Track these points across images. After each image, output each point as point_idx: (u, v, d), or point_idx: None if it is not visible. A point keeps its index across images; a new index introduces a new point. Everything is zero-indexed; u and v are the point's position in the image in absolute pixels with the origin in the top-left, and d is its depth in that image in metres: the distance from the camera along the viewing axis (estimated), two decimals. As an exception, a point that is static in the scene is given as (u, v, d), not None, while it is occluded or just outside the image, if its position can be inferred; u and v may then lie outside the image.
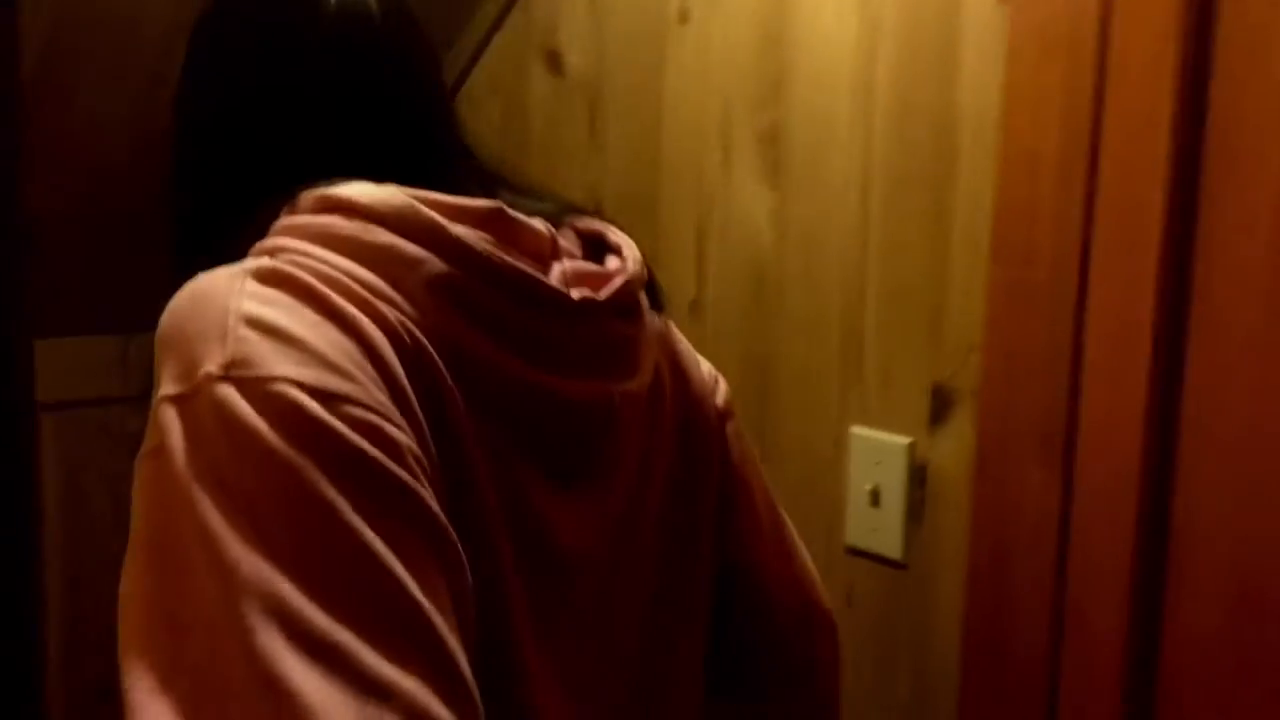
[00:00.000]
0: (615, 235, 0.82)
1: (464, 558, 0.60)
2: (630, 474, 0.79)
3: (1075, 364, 1.05)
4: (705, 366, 0.92)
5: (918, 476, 1.23)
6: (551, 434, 0.73)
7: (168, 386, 0.59)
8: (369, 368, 0.61)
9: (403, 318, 0.64)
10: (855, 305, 1.27)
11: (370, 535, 0.55)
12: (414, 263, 0.66)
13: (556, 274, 0.73)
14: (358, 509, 0.55)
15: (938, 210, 1.19)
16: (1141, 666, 1.04)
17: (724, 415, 0.90)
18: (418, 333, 0.64)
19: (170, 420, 0.57)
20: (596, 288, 0.74)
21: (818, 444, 1.32)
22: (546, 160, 1.63)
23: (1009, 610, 1.12)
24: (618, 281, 0.75)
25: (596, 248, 0.81)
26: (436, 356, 0.65)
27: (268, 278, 0.62)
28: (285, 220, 0.68)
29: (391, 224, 0.66)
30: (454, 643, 0.56)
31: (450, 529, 0.60)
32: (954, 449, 1.20)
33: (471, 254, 0.67)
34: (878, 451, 1.26)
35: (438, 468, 0.63)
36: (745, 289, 1.38)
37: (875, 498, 1.26)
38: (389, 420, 0.59)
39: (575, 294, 0.72)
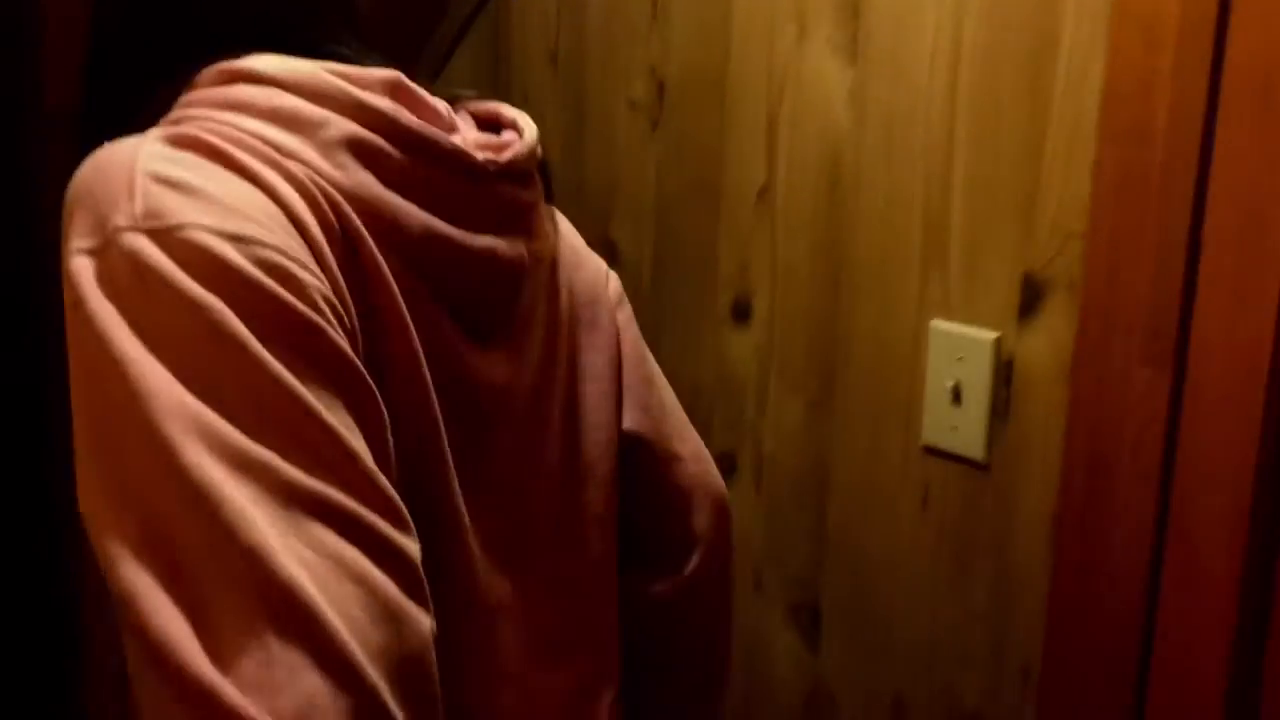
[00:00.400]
0: (510, 112, 0.86)
1: (379, 404, 0.64)
2: (538, 338, 0.85)
3: (1192, 252, 0.96)
4: (596, 255, 0.98)
5: (1003, 373, 1.16)
6: (467, 289, 0.77)
7: (78, 241, 0.61)
8: (280, 217, 0.64)
9: (313, 174, 0.67)
10: (940, 190, 1.19)
11: (280, 368, 0.58)
12: (321, 123, 0.69)
13: (456, 142, 0.76)
14: (267, 345, 0.59)
15: (1034, 86, 1.10)
16: (1256, 586, 0.97)
17: (616, 299, 0.96)
18: (329, 188, 0.67)
19: (82, 270, 0.60)
20: (496, 154, 0.79)
21: (895, 339, 1.24)
22: (605, 39, 1.54)
23: (1104, 519, 1.05)
24: (517, 147, 0.80)
25: (493, 128, 0.85)
26: (350, 211, 0.68)
27: (175, 141, 0.65)
28: (190, 94, 0.71)
29: (294, 89, 0.69)
30: (373, 465, 0.60)
31: (361, 371, 0.63)
32: (1045, 344, 1.12)
33: (377, 115, 0.71)
34: (960, 346, 1.18)
35: (354, 315, 0.66)
36: (819, 174, 1.30)
37: (956, 395, 1.19)
38: (298, 263, 0.62)
39: (479, 155, 0.76)
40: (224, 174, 0.64)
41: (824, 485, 1.33)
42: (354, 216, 0.68)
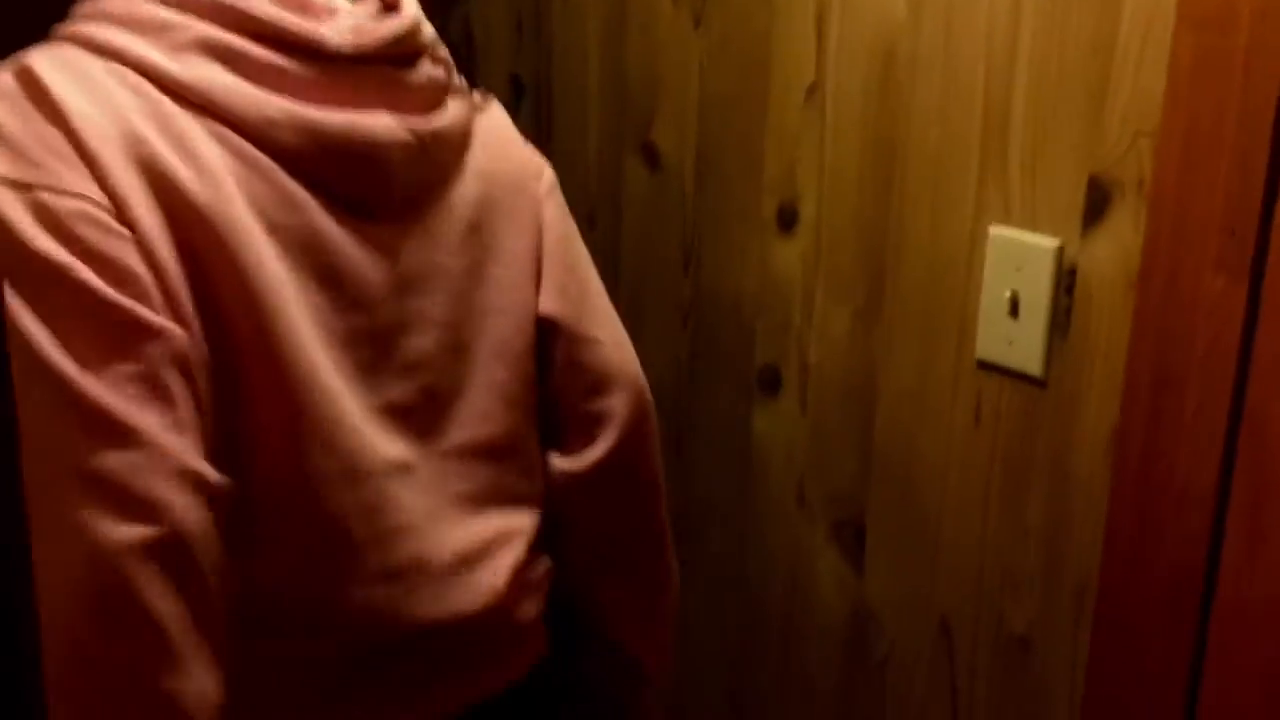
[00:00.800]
0: None
1: (148, 319, 0.72)
2: (444, 216, 0.91)
3: (1275, 149, 0.88)
4: (529, 149, 1.03)
5: (1065, 283, 1.09)
6: (329, 166, 0.83)
7: None
8: (71, 155, 0.73)
9: (162, 80, 0.77)
10: (1001, 86, 1.11)
11: (29, 320, 0.70)
12: (174, 26, 0.78)
13: (314, 28, 0.82)
14: (20, 295, 0.69)
15: (1108, -29, 1.01)
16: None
17: (545, 191, 1.01)
18: (178, 94, 0.77)
19: None
20: (359, 37, 0.84)
21: (950, 245, 1.18)
22: (645, -74, 1.46)
23: (1170, 437, 0.99)
24: (383, 30, 0.85)
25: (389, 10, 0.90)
26: (197, 117, 0.77)
27: (11, 71, 0.76)
28: (81, 4, 0.81)
29: None
30: (118, 401, 0.71)
31: (121, 302, 0.72)
32: (1111, 252, 1.05)
33: (231, 12, 0.79)
34: (1020, 254, 1.11)
35: (164, 225, 0.75)
36: (872, 69, 1.22)
37: (1014, 306, 1.13)
38: (86, 199, 0.72)
39: (344, 38, 0.83)
40: (31, 110, 0.74)
41: (871, 399, 1.27)
42: (202, 127, 0.77)
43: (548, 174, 1.03)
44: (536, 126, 1.66)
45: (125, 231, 0.73)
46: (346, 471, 0.84)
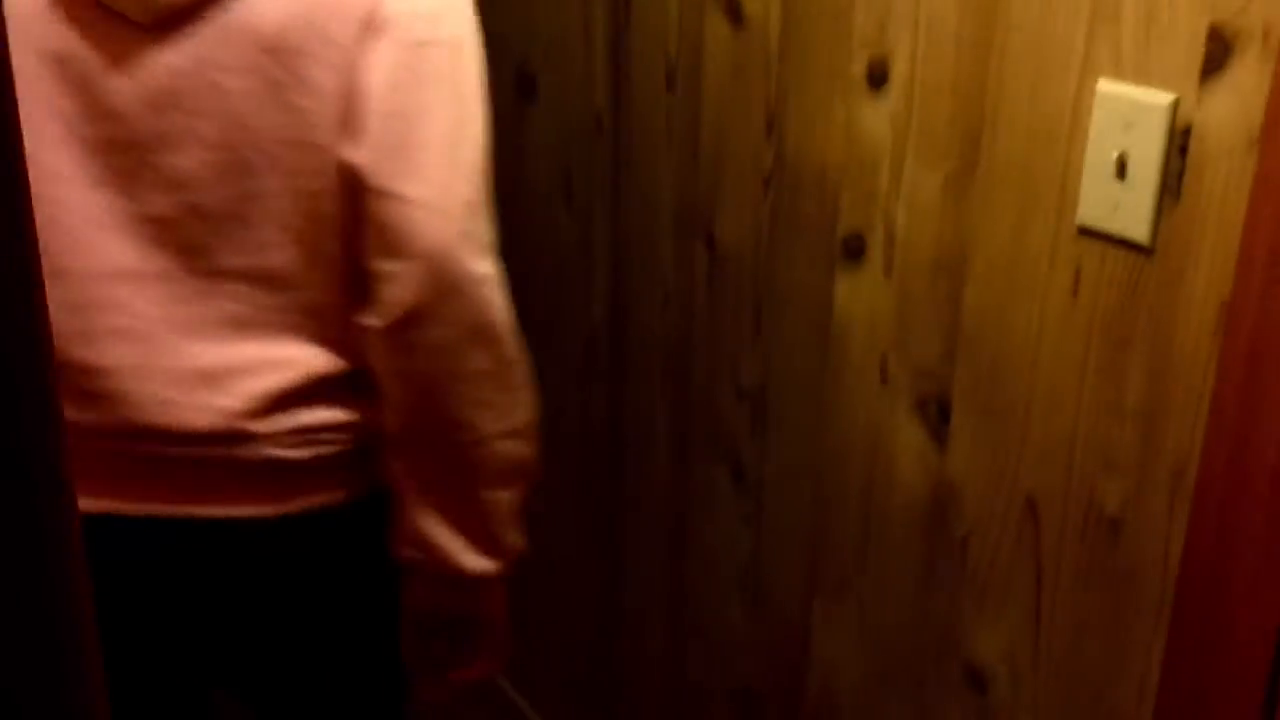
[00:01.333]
0: None
1: None
2: (209, 27, 0.88)
3: None
4: None
5: (1179, 143, 1.01)
6: None
7: None
8: None
9: None
10: (1117, -74, 1.02)
11: None
12: None
13: None
14: None
15: None
16: None
17: (378, 29, 0.94)
18: None
19: None
20: None
21: (1053, 103, 1.10)
22: None
23: (1288, 306, 0.92)
24: None
25: None
26: None
27: None
28: None
29: None
30: None
31: None
32: (1231, 109, 0.97)
33: None
34: (1129, 111, 1.03)
35: None
36: (973, -90, 1.13)
37: (1121, 168, 1.05)
38: None
39: None
40: None
41: (961, 268, 1.21)
42: None
43: (387, 13, 0.96)
44: (614, -18, 1.58)
45: None
46: (55, 271, 0.84)
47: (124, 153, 0.89)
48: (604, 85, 1.62)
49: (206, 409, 0.96)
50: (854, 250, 1.33)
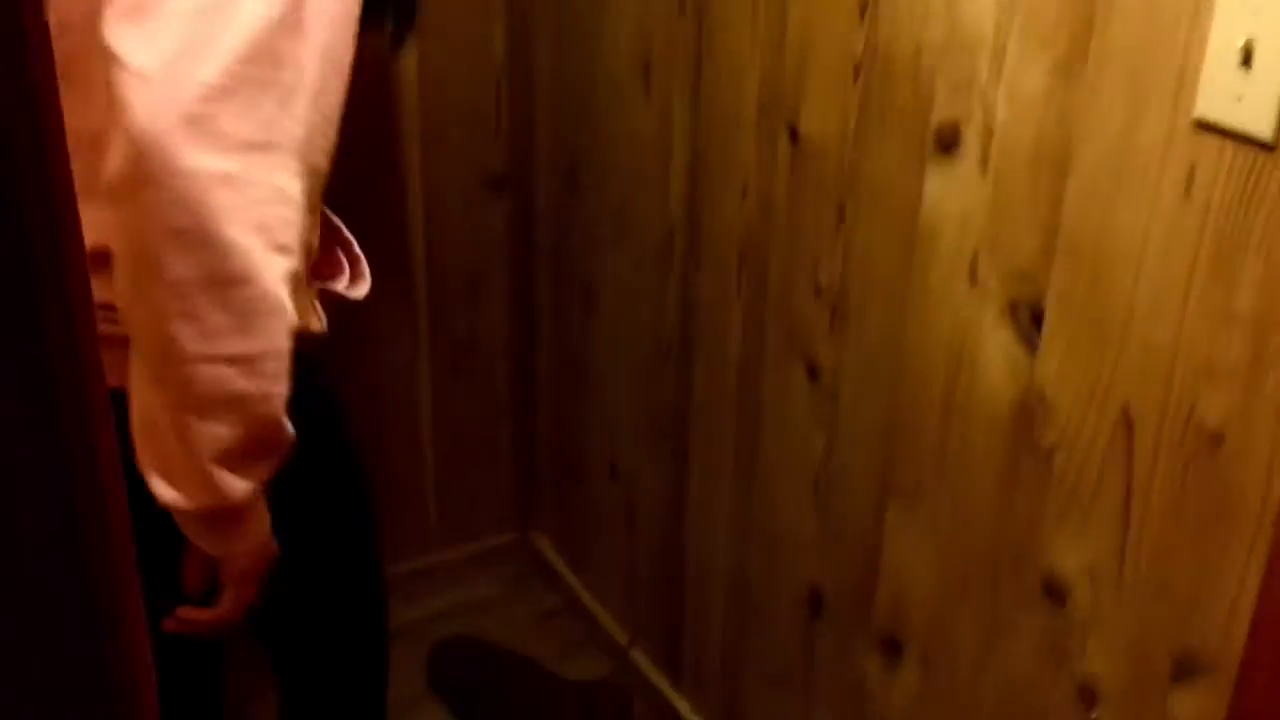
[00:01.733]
0: None
1: None
2: None
3: None
4: None
5: (1314, 29, 0.93)
6: None
7: None
8: None
9: None
10: None
11: None
12: None
13: None
14: None
15: None
16: None
17: None
18: None
19: None
20: None
21: (1175, -16, 1.01)
22: None
23: None
24: None
25: None
26: None
27: None
28: None
29: None
30: None
31: None
32: (1378, -9, 0.88)
33: None
34: (1262, -6, 0.95)
35: None
36: None
37: (1246, 56, 0.97)
38: None
39: None
40: None
41: (1064, 163, 1.14)
42: None
43: None
44: None
45: None
46: None
47: None
48: (687, -36, 1.55)
49: None
50: (947, 142, 1.26)
